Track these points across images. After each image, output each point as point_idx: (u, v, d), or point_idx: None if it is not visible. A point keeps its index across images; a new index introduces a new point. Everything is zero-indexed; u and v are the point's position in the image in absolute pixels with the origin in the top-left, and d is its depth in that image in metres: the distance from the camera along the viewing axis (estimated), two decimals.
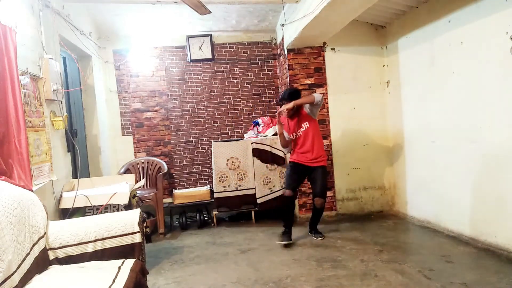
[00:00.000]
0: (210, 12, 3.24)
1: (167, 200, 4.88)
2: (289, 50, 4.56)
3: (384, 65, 4.70)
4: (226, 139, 4.92)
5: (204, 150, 5.16)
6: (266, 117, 4.92)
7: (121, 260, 2.12)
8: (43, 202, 2.31)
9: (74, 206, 2.96)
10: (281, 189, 4.56)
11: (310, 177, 3.75)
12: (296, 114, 3.70)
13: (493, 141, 3.07)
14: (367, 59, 4.68)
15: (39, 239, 2.08)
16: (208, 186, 4.96)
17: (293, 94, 3.69)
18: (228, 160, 4.58)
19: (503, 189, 3.01)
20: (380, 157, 4.71)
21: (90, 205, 2.99)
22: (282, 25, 4.57)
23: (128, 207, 3.05)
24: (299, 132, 3.70)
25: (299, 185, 3.86)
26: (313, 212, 3.84)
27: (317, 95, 3.58)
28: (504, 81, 2.91)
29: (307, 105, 3.65)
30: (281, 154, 4.60)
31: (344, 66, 4.64)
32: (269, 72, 5.27)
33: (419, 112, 4.06)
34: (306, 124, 3.68)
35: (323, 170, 3.72)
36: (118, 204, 3.05)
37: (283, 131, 3.74)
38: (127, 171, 4.68)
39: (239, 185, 4.60)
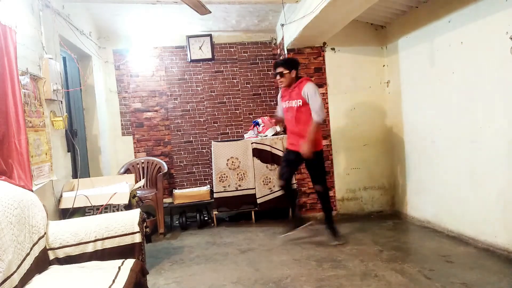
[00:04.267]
0: (210, 12, 3.24)
1: (167, 200, 4.88)
2: (289, 50, 4.56)
3: (384, 65, 4.70)
4: (226, 139, 4.93)
5: (204, 150, 5.16)
6: (266, 117, 4.92)
7: (121, 260, 2.12)
8: (43, 202, 2.31)
9: (74, 206, 2.96)
10: (281, 189, 4.55)
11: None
12: (293, 87, 3.52)
13: (493, 141, 3.07)
14: (367, 59, 4.68)
15: (39, 239, 2.09)
16: (208, 186, 4.96)
17: (290, 62, 3.53)
18: (228, 160, 4.58)
19: (503, 189, 3.01)
20: (380, 157, 4.71)
21: (90, 205, 2.99)
22: (282, 25, 4.57)
23: (128, 207, 3.05)
24: (290, 103, 3.55)
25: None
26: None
27: (317, 118, 3.37)
28: (504, 81, 2.91)
29: (307, 95, 3.44)
30: (281, 154, 4.59)
31: (344, 66, 4.63)
32: (269, 72, 5.26)
33: (419, 112, 4.06)
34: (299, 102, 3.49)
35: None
36: (118, 204, 3.05)
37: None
38: (127, 171, 4.68)
39: (239, 185, 4.60)
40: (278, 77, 3.57)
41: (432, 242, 3.48)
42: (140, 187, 4.11)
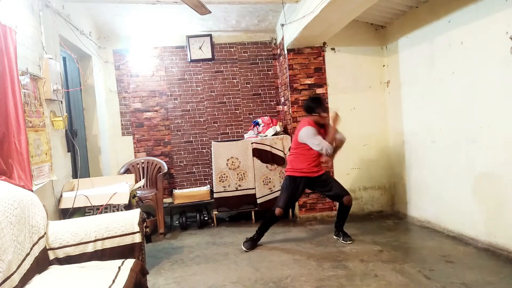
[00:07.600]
0: (210, 12, 3.24)
1: (167, 200, 4.88)
2: (289, 50, 4.56)
3: (384, 65, 4.70)
4: (226, 139, 4.92)
5: (204, 150, 5.16)
6: (266, 117, 4.92)
7: (121, 260, 2.12)
8: (43, 202, 2.31)
9: (74, 206, 2.96)
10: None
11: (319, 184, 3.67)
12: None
13: (493, 141, 3.08)
14: (367, 59, 4.68)
15: (39, 239, 2.09)
16: (208, 186, 4.96)
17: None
18: (228, 160, 4.58)
19: (503, 189, 3.01)
20: (380, 157, 4.71)
21: (90, 205, 2.99)
22: (282, 25, 4.57)
23: (128, 207, 3.05)
24: None
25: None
26: (341, 212, 3.71)
27: (321, 149, 3.46)
28: (504, 81, 2.91)
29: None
30: (281, 154, 4.60)
31: (344, 66, 4.64)
32: (269, 72, 5.27)
33: (419, 112, 4.06)
34: None
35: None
36: (118, 204, 3.05)
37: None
38: (127, 171, 4.67)
39: (239, 185, 4.60)
40: (325, 114, 3.65)
41: (432, 242, 3.48)
42: (140, 187, 4.11)
